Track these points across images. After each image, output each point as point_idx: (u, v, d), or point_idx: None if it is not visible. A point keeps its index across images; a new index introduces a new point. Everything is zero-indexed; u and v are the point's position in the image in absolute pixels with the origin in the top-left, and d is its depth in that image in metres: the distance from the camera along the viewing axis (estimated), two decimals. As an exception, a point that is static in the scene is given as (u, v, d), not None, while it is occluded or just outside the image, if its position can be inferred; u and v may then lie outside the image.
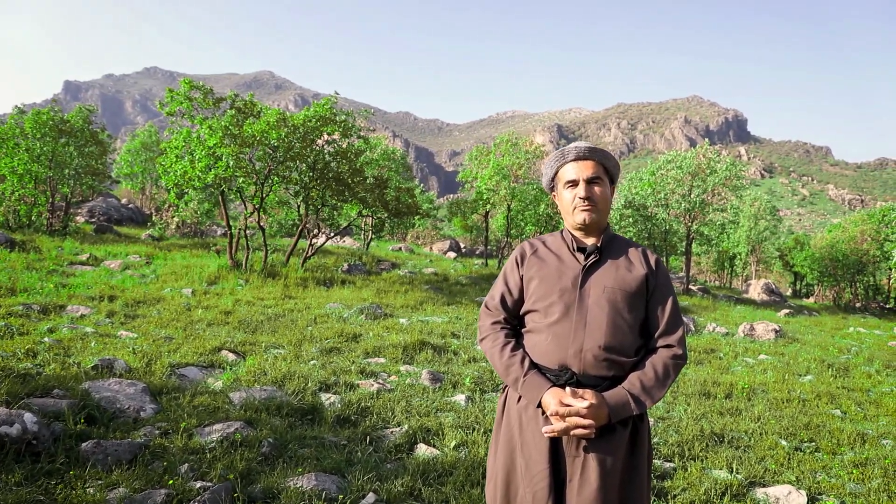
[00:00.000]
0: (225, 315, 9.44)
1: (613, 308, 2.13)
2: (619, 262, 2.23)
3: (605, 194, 2.25)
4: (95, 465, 3.66)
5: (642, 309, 2.21)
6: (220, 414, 4.70)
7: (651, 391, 2.08)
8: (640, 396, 2.06)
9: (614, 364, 2.11)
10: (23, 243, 14.62)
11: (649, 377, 2.10)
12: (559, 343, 2.13)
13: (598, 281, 2.18)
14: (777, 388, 7.91)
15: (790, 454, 5.31)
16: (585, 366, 2.10)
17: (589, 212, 2.21)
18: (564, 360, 2.11)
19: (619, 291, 2.16)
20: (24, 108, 19.94)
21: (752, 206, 37.30)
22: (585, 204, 2.21)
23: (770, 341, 11.93)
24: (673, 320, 2.20)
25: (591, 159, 2.25)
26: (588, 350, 2.09)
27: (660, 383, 2.10)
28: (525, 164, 21.90)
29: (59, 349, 6.34)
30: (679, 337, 2.19)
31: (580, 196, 2.22)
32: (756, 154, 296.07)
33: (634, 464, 2.12)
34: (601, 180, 2.25)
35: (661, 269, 2.28)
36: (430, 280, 16.95)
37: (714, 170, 22.49)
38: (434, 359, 7.74)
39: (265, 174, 14.62)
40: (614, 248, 2.28)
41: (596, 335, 2.10)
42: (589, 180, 2.23)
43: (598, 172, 2.24)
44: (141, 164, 33.28)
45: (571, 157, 2.26)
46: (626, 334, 2.14)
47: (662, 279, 2.26)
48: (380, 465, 4.18)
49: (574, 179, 2.24)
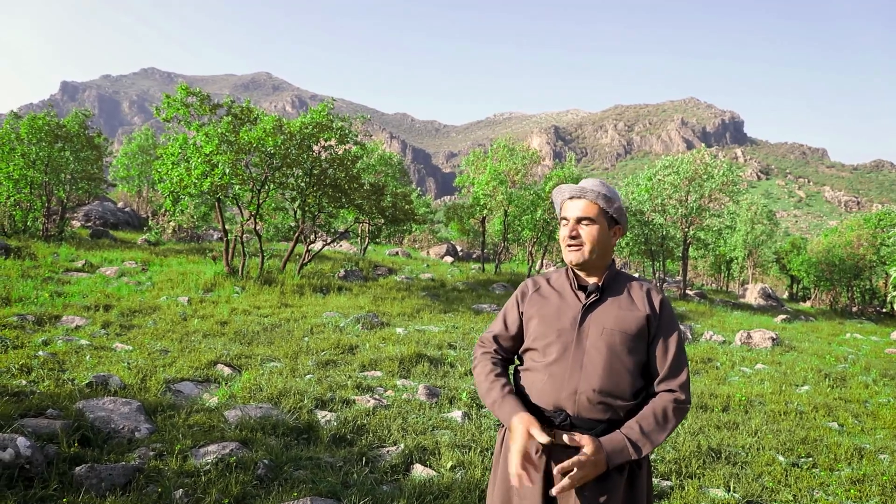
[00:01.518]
0: (221, 325, 9.41)
1: (611, 351, 2.10)
2: (620, 303, 2.19)
3: (595, 234, 2.20)
4: (89, 490, 3.63)
5: (643, 351, 2.16)
6: (215, 434, 4.67)
7: (650, 435, 2.03)
8: (637, 442, 2.02)
9: (609, 407, 2.08)
10: (18, 249, 14.56)
11: (648, 422, 2.05)
12: (555, 384, 2.11)
13: (598, 321, 2.15)
14: (774, 399, 7.91)
15: (787, 471, 5.31)
16: (580, 408, 2.08)
17: (575, 251, 2.20)
18: (559, 401, 2.10)
19: (618, 333, 2.12)
20: (20, 111, 19.89)
21: (749, 211, 37.37)
22: (572, 243, 2.21)
23: (767, 350, 11.94)
24: (675, 364, 2.15)
25: (583, 199, 2.22)
26: (582, 392, 2.07)
27: (659, 427, 2.05)
28: (522, 170, 21.90)
29: (53, 363, 6.30)
30: (682, 381, 2.14)
31: (566, 235, 2.22)
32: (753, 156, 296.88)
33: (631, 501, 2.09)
34: (592, 220, 2.20)
35: (665, 309, 2.22)
36: (427, 286, 16.93)
37: (711, 175, 22.52)
38: (430, 372, 7.72)
39: (262, 181, 14.59)
40: (617, 287, 2.24)
41: (591, 378, 2.08)
42: (578, 220, 2.21)
43: (589, 213, 2.20)
44: (137, 168, 33.23)
45: (567, 196, 2.26)
46: (622, 377, 2.10)
47: (666, 320, 2.20)
48: (376, 487, 4.16)
49: (566, 217, 2.25)
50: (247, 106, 15.19)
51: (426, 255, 31.30)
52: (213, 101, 14.81)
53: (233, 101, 15.13)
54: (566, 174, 22.41)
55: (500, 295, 17.22)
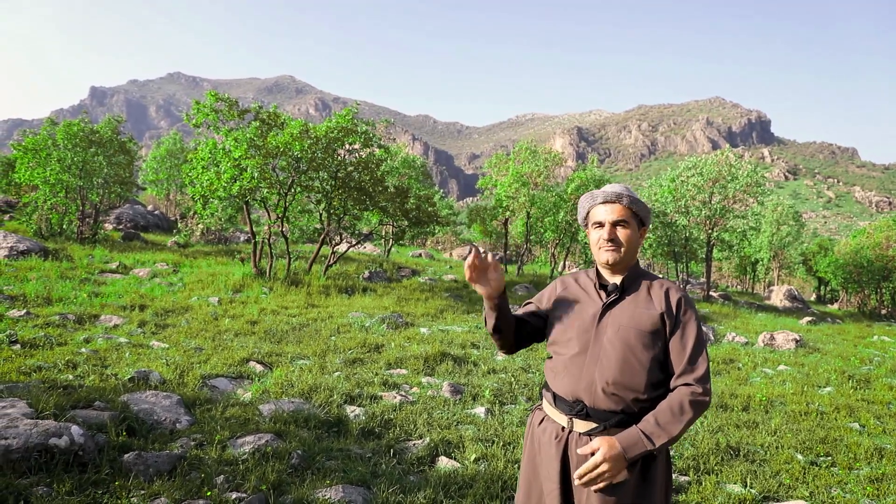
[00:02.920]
0: (251, 325, 9.72)
1: (626, 346, 2.25)
2: (638, 301, 2.34)
3: (630, 236, 2.38)
4: (138, 475, 3.90)
5: (658, 347, 2.26)
6: (250, 426, 4.93)
7: (665, 427, 2.12)
8: (652, 434, 2.12)
9: (623, 400, 2.22)
10: (55, 252, 15.09)
11: (663, 414, 2.15)
12: (573, 376, 2.30)
13: (615, 319, 2.31)
14: (795, 400, 7.95)
15: (806, 469, 5.39)
16: (595, 399, 2.25)
17: (612, 252, 2.36)
18: (577, 392, 2.28)
19: (632, 330, 2.26)
20: (51, 116, 20.53)
21: (775, 212, 36.94)
22: (609, 245, 2.37)
23: (790, 351, 11.92)
24: (693, 359, 2.22)
25: (617, 203, 2.39)
26: (598, 385, 2.24)
27: (675, 419, 2.12)
28: (544, 172, 22.00)
29: (96, 360, 6.63)
30: (700, 375, 2.19)
31: (604, 238, 2.37)
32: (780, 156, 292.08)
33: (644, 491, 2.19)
34: (627, 223, 2.37)
35: (682, 306, 2.30)
36: (450, 287, 17.13)
37: (735, 176, 22.38)
38: (454, 370, 7.92)
39: (288, 184, 14.93)
40: (637, 286, 2.39)
41: (606, 371, 2.24)
42: (615, 223, 2.38)
43: (624, 216, 2.37)
44: (166, 171, 33.93)
45: (600, 200, 2.42)
46: (637, 372, 2.22)
47: (684, 318, 2.29)
48: (403, 477, 4.37)
49: (601, 221, 2.40)
50: (274, 111, 15.55)
51: (449, 257, 31.52)
52: (239, 105, 15.19)
53: (260, 106, 15.51)
54: (588, 176, 22.47)
55: (522, 296, 17.36)
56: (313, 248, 19.77)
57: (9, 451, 3.82)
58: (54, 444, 3.92)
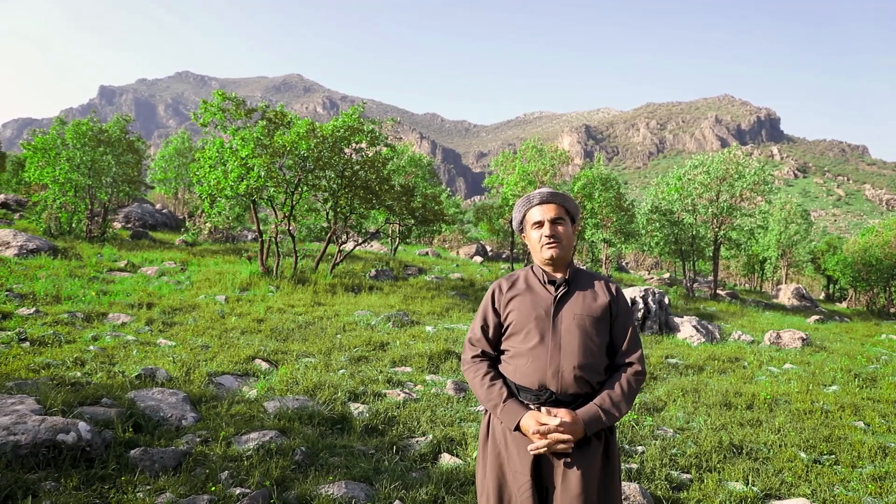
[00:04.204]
0: (257, 323, 9.79)
1: (584, 332, 2.43)
2: (585, 293, 2.54)
3: (568, 232, 2.58)
4: (144, 471, 3.96)
5: (606, 332, 2.50)
6: (255, 423, 4.98)
7: (619, 405, 2.37)
8: (610, 410, 2.36)
9: (587, 382, 2.41)
10: (65, 250, 15.22)
11: (617, 393, 2.40)
12: (538, 365, 2.41)
13: (569, 309, 2.48)
14: (800, 398, 7.93)
15: (808, 467, 5.39)
16: (563, 385, 2.38)
17: (554, 248, 2.53)
18: (544, 380, 2.39)
19: (587, 318, 2.46)
20: (62, 116, 20.70)
21: (783, 210, 36.76)
22: (551, 241, 2.53)
23: (796, 350, 11.88)
24: (633, 340, 2.52)
25: (553, 202, 2.58)
26: (565, 371, 2.38)
27: (626, 398, 2.40)
28: (550, 170, 22.00)
29: (104, 357, 6.71)
30: (639, 355, 2.51)
31: (546, 235, 2.53)
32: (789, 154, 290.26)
33: (608, 471, 2.42)
34: (563, 220, 2.57)
35: (621, 296, 2.58)
36: (456, 285, 17.17)
37: (742, 174, 22.30)
38: (458, 368, 7.95)
39: (295, 183, 15.00)
40: (580, 280, 2.59)
41: (570, 357, 2.39)
42: (553, 220, 2.55)
43: (560, 214, 2.57)
44: (174, 170, 34.12)
45: (536, 202, 2.60)
46: (595, 355, 2.43)
47: (623, 305, 2.57)
48: (405, 473, 4.41)
49: (540, 220, 2.56)
50: (280, 110, 15.62)
51: (456, 255, 31.54)
52: (246, 104, 15.27)
53: (267, 105, 15.58)
54: (595, 174, 22.44)
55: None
56: (320, 247, 19.86)
57: (17, 447, 3.89)
58: (62, 439, 3.98)
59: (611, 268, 32.73)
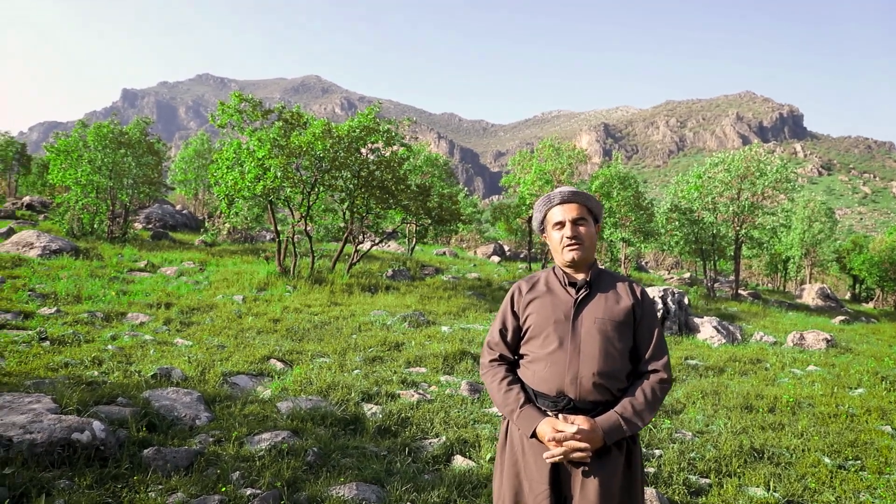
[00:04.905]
0: (273, 323, 9.81)
1: (604, 337, 2.32)
2: (608, 295, 2.42)
3: (590, 233, 2.46)
4: (156, 470, 3.96)
5: (630, 337, 2.38)
6: (268, 423, 4.97)
7: (641, 414, 2.26)
8: (631, 419, 2.24)
9: (607, 390, 2.30)
10: (86, 251, 15.42)
11: (639, 401, 2.28)
12: (556, 371, 2.31)
13: (590, 313, 2.37)
14: (824, 401, 7.76)
15: (833, 472, 5.25)
16: (582, 392, 2.28)
17: (577, 250, 2.41)
18: (561, 386, 2.30)
19: (608, 322, 2.34)
20: (86, 119, 21.00)
21: (806, 208, 36.15)
22: (572, 243, 2.42)
23: (821, 351, 11.65)
24: (659, 347, 2.39)
25: (575, 202, 2.46)
26: (583, 377, 2.28)
27: (649, 406, 2.28)
28: (567, 169, 21.84)
29: (121, 357, 6.76)
30: (665, 362, 2.37)
31: (567, 236, 2.42)
32: (813, 151, 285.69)
33: (630, 482, 2.30)
34: (586, 220, 2.45)
35: (646, 299, 2.46)
36: (473, 285, 17.10)
37: (763, 172, 21.94)
38: (473, 369, 7.90)
39: (311, 183, 15.04)
40: (603, 282, 2.47)
41: (590, 363, 2.29)
42: (574, 221, 2.43)
43: (582, 213, 2.45)
44: (194, 171, 34.52)
45: (557, 201, 2.48)
46: (616, 361, 2.32)
47: (648, 308, 2.44)
48: (418, 475, 4.36)
49: (561, 221, 2.45)
50: (297, 111, 15.68)
51: (473, 255, 31.47)
52: (264, 105, 15.35)
53: (283, 106, 15.65)
54: (613, 172, 22.23)
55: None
56: (337, 247, 19.91)
57: (33, 445, 3.91)
58: (76, 438, 4.00)
59: (630, 267, 32.43)
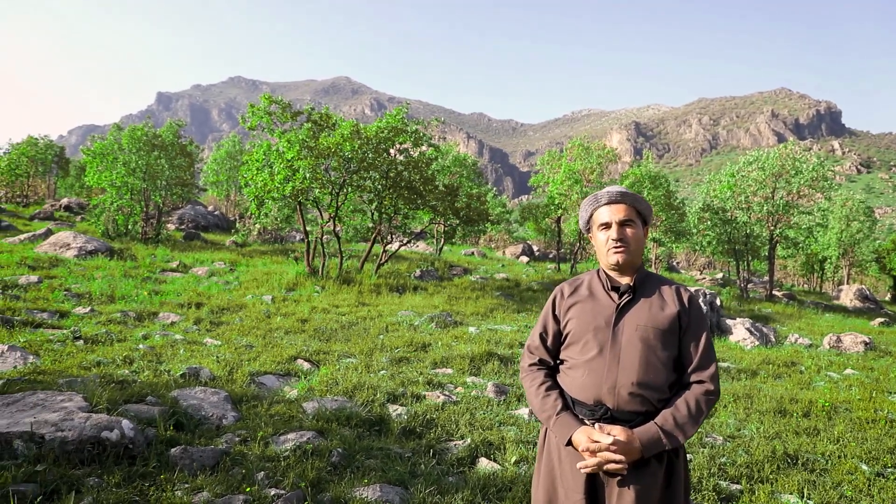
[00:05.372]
0: (301, 323, 9.89)
1: (646, 345, 2.22)
2: (652, 301, 2.31)
3: (638, 235, 2.35)
4: (183, 469, 4.01)
5: (675, 346, 2.28)
6: (294, 423, 5.00)
7: (683, 427, 2.14)
8: (672, 432, 2.13)
9: (647, 400, 2.20)
10: (120, 251, 15.76)
11: (682, 413, 2.16)
12: (594, 379, 2.23)
13: (632, 319, 2.27)
14: (862, 406, 7.52)
15: (871, 480, 5.08)
16: (620, 402, 2.19)
17: (622, 253, 2.31)
18: (599, 395, 2.22)
19: (651, 329, 2.24)
20: (122, 123, 21.47)
21: (844, 207, 35.19)
22: (618, 245, 2.32)
23: (858, 354, 11.31)
24: (706, 356, 2.26)
25: (622, 202, 2.35)
26: (622, 386, 2.19)
27: (692, 419, 2.16)
28: (597, 168, 21.61)
29: (151, 356, 6.88)
30: (712, 373, 2.24)
31: (613, 238, 2.32)
32: (852, 148, 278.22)
33: (670, 497, 2.20)
34: (633, 222, 2.34)
35: (694, 306, 2.34)
36: (501, 286, 17.03)
37: (799, 170, 21.41)
38: (500, 370, 7.85)
39: (340, 184, 15.14)
40: (648, 286, 2.36)
41: (629, 372, 2.20)
42: (621, 223, 2.33)
43: (629, 215, 2.34)
44: (226, 173, 35.07)
45: (604, 202, 2.37)
46: (658, 371, 2.22)
47: (696, 316, 2.32)
48: (442, 478, 4.34)
49: (607, 222, 2.35)
50: (325, 112, 15.80)
51: (502, 255, 31.36)
52: (294, 107, 15.50)
53: (312, 108, 15.79)
54: (643, 172, 21.94)
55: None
56: (365, 248, 20.03)
57: (64, 443, 3.99)
58: (106, 437, 4.07)
59: (661, 268, 31.97)
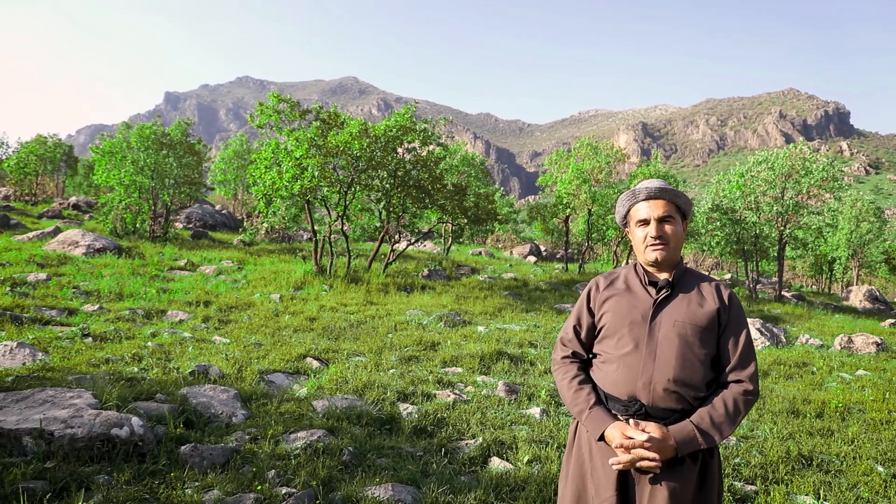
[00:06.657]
0: (310, 321, 9.87)
1: (683, 342, 2.16)
2: (690, 297, 2.25)
3: (677, 232, 2.28)
4: (193, 467, 3.98)
5: (713, 344, 2.21)
6: (304, 421, 4.97)
7: (720, 426, 2.09)
8: (708, 431, 2.08)
9: (683, 398, 2.14)
10: (129, 250, 15.79)
11: (719, 412, 2.11)
12: (629, 374, 2.18)
13: (669, 315, 2.21)
14: (876, 407, 7.44)
15: (887, 482, 5.01)
16: (654, 398, 2.14)
17: (661, 250, 2.26)
18: (634, 391, 2.17)
19: (689, 326, 2.18)
20: (130, 122, 21.54)
21: (853, 208, 34.93)
22: (657, 243, 2.26)
23: (870, 355, 11.20)
24: (745, 355, 2.20)
25: (661, 198, 2.29)
26: (657, 383, 2.14)
27: (730, 419, 2.10)
28: (605, 168, 21.52)
29: (160, 353, 6.86)
30: (751, 372, 2.18)
31: (651, 235, 2.26)
32: (860, 149, 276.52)
33: (703, 498, 2.14)
34: (672, 218, 2.28)
35: (734, 303, 2.27)
36: (509, 285, 16.98)
37: (809, 170, 21.24)
38: (510, 369, 7.80)
39: (348, 183, 15.12)
40: (686, 282, 2.30)
41: (665, 368, 2.14)
42: (660, 219, 2.27)
43: (669, 211, 2.28)
44: (233, 172, 35.10)
45: (643, 197, 2.31)
46: (695, 368, 2.16)
47: (735, 314, 2.25)
48: (454, 477, 4.30)
49: (646, 218, 2.29)
50: (333, 111, 15.78)
51: (509, 255, 31.29)
52: (302, 106, 15.49)
53: (321, 106, 15.77)
54: (652, 172, 21.82)
55: (582, 295, 17.01)
56: (373, 247, 20.02)
57: (74, 440, 3.97)
58: (115, 434, 4.05)
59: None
